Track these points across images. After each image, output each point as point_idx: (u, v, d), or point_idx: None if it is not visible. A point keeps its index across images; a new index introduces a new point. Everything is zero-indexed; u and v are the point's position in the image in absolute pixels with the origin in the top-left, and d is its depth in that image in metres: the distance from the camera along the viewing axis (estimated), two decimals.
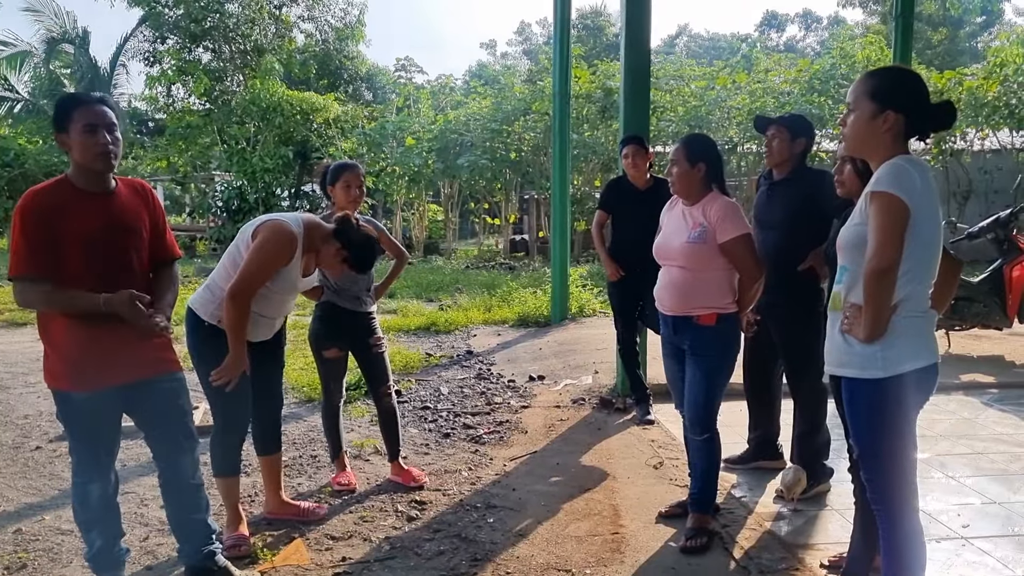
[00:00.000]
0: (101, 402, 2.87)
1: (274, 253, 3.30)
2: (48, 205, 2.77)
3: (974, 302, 7.42)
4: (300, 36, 27.34)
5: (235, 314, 3.26)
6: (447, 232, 22.58)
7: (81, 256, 2.79)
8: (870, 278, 2.35)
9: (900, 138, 2.48)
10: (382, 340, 4.37)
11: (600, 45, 38.12)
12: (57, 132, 2.86)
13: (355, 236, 3.50)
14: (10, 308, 10.56)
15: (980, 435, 5.22)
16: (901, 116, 2.45)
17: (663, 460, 4.75)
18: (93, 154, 2.80)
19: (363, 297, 4.24)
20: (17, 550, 3.58)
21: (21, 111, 23.17)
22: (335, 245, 3.48)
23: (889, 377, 2.43)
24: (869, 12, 39.19)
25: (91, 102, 2.86)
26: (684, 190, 3.63)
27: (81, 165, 2.83)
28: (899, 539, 2.53)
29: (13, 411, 5.87)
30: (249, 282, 3.27)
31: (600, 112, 18.85)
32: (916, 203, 2.34)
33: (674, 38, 66.70)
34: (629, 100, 6.11)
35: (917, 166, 2.42)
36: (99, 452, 2.96)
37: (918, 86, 2.51)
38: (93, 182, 2.87)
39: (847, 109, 2.58)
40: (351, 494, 4.25)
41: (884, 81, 2.52)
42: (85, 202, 2.83)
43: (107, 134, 2.82)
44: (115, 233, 2.88)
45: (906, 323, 2.42)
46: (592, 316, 9.94)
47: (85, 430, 2.91)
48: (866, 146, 2.54)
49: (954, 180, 16.90)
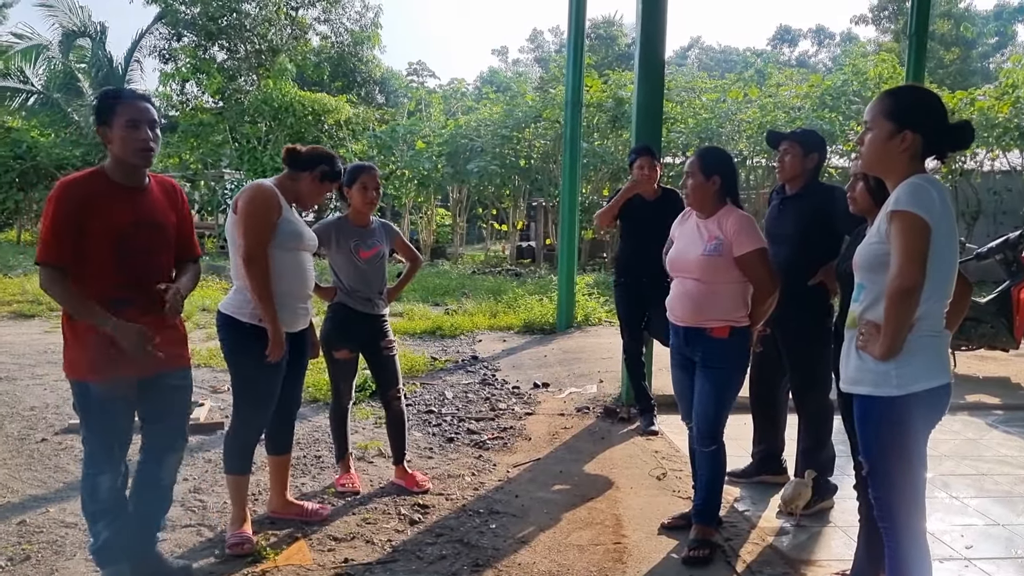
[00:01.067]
0: (118, 394, 2.90)
1: (262, 206, 3.42)
2: (81, 196, 2.82)
3: (981, 323, 7.41)
4: (315, 38, 27.45)
5: (258, 279, 3.35)
6: (454, 237, 22.60)
7: (111, 249, 2.83)
8: (893, 297, 2.35)
9: (917, 158, 2.48)
10: (394, 343, 4.39)
11: (612, 55, 38.21)
12: (99, 125, 2.91)
13: (311, 155, 3.62)
14: (18, 300, 10.61)
15: (984, 456, 5.21)
16: (919, 136, 2.45)
17: (666, 471, 4.75)
18: (133, 149, 2.85)
19: (375, 299, 4.26)
20: (21, 542, 3.59)
21: (35, 103, 23.25)
22: (304, 175, 3.60)
23: (903, 396, 2.43)
24: (882, 29, 39.25)
25: (134, 98, 2.93)
26: (698, 202, 3.64)
27: (120, 159, 2.88)
28: (905, 558, 2.53)
29: (19, 402, 5.89)
30: (255, 242, 3.37)
31: (611, 121, 18.86)
32: (936, 221, 2.35)
33: (686, 50, 66.77)
34: (642, 111, 6.12)
35: (935, 185, 2.42)
36: (112, 444, 2.98)
37: (936, 106, 2.51)
38: (129, 176, 2.92)
39: (864, 128, 2.59)
40: (354, 496, 4.26)
41: (902, 101, 2.52)
42: (119, 196, 2.88)
43: (148, 130, 2.88)
44: (146, 229, 2.93)
45: (921, 342, 2.42)
46: (598, 325, 9.94)
47: (101, 421, 2.94)
48: (883, 165, 2.54)
49: (963, 200, 16.85)
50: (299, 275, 3.60)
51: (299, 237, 3.56)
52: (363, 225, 4.26)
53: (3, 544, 3.56)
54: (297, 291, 3.59)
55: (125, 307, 2.87)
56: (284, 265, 3.50)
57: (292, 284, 3.55)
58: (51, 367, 6.91)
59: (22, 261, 15.44)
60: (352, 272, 4.18)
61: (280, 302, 3.46)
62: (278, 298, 3.45)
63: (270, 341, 3.39)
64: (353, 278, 4.17)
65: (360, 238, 4.20)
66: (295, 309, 3.59)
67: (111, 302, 2.85)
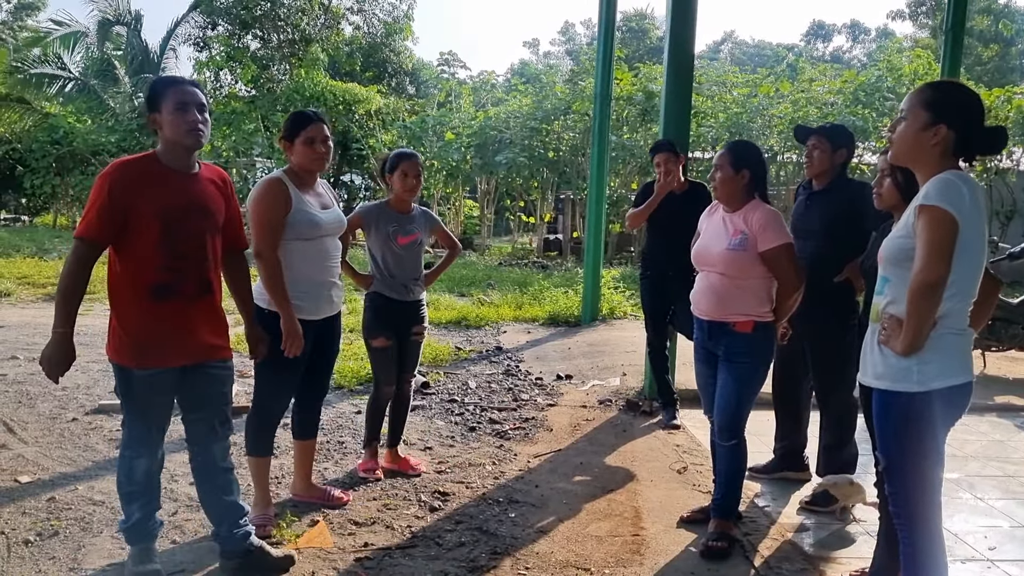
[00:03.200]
0: (158, 381, 2.93)
1: (270, 197, 3.47)
2: (132, 177, 2.84)
3: (1012, 324, 7.30)
4: (348, 28, 27.57)
5: (266, 274, 3.42)
6: (482, 228, 22.64)
7: (159, 232, 2.85)
8: (916, 292, 2.33)
9: (948, 154, 2.45)
10: (424, 330, 4.45)
11: (643, 48, 38.02)
12: (150, 112, 2.94)
13: (288, 124, 3.65)
14: (52, 282, 10.80)
15: (1012, 458, 5.14)
16: (952, 132, 2.43)
17: (687, 465, 4.74)
18: (184, 131, 2.88)
19: (411, 286, 4.29)
20: (50, 517, 3.67)
21: (72, 90, 23.57)
22: (294, 146, 3.59)
23: (923, 392, 2.42)
24: (919, 25, 38.66)
25: (182, 83, 2.96)
26: (726, 196, 3.63)
27: (172, 141, 2.91)
28: (919, 555, 2.51)
29: (51, 383, 5.99)
30: (264, 234, 3.42)
31: (640, 115, 18.77)
32: (965, 218, 2.33)
33: (719, 44, 66.28)
34: (671, 104, 6.09)
35: (967, 181, 2.40)
36: (151, 428, 3.01)
37: (976, 106, 2.49)
38: (180, 160, 2.95)
39: (899, 116, 2.56)
40: (376, 482, 4.30)
41: (941, 94, 2.50)
42: (170, 179, 2.91)
43: (197, 112, 2.91)
44: (194, 214, 2.95)
45: (944, 340, 2.41)
46: (623, 318, 9.93)
47: (140, 406, 2.97)
48: (912, 157, 2.52)
49: (998, 199, 16.60)
50: (321, 262, 3.62)
51: (316, 225, 3.57)
52: (404, 212, 4.29)
53: (33, 520, 3.64)
54: (320, 278, 3.62)
55: (171, 294, 2.89)
56: (304, 254, 3.53)
57: (314, 272, 3.58)
58: (83, 348, 6.97)
59: (57, 245, 15.71)
60: (388, 257, 4.22)
61: (303, 290, 3.51)
62: (300, 286, 3.49)
63: (284, 333, 3.43)
64: (389, 263, 4.21)
65: (399, 224, 4.23)
66: (319, 296, 3.62)
67: (157, 287, 2.87)
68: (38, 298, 10.02)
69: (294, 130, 3.60)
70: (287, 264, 3.47)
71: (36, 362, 6.49)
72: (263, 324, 3.45)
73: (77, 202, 21.43)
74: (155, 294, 2.87)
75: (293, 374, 3.61)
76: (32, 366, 6.47)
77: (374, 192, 24.15)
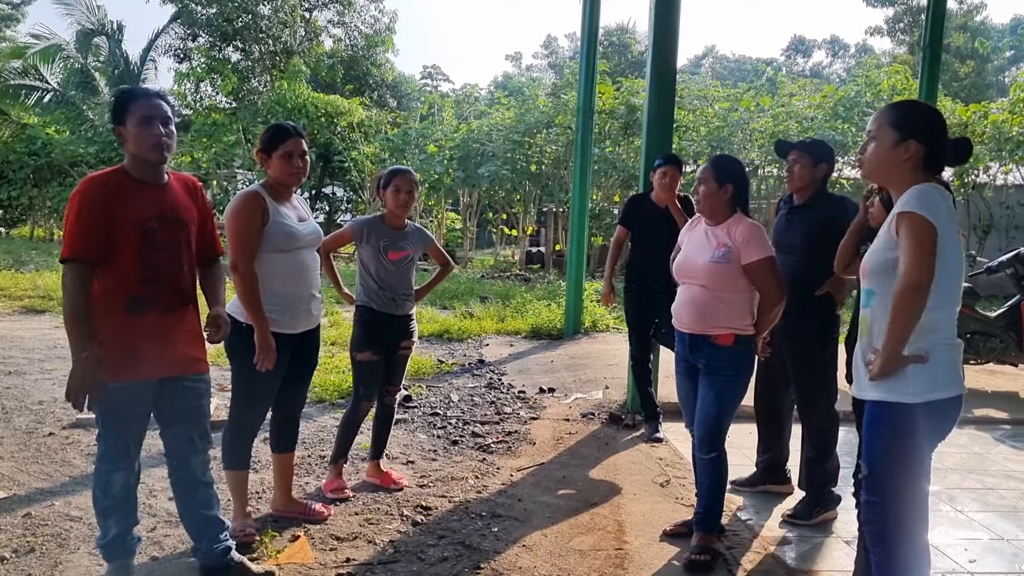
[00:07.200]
0: (134, 393, 2.91)
1: (245, 211, 3.46)
2: (105, 192, 2.83)
3: (990, 337, 7.39)
4: (328, 40, 27.57)
5: (244, 285, 3.40)
6: (464, 241, 22.62)
7: (137, 245, 2.85)
8: (902, 294, 2.37)
9: (919, 168, 2.53)
10: (411, 344, 4.47)
11: (625, 62, 38.24)
12: (115, 125, 2.94)
13: (264, 138, 3.61)
14: (29, 295, 10.69)
15: (991, 471, 5.18)
16: (922, 147, 2.50)
17: (670, 478, 4.74)
18: (148, 145, 2.87)
19: (400, 300, 4.28)
20: (26, 534, 3.61)
21: (51, 101, 23.38)
22: (271, 160, 3.58)
23: (916, 404, 2.44)
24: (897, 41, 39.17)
25: (147, 96, 2.95)
26: (710, 209, 3.65)
27: (136, 156, 2.91)
28: (901, 567, 2.52)
29: (28, 396, 5.94)
30: (240, 248, 3.41)
31: (623, 128, 18.86)
32: (942, 226, 2.39)
33: (700, 59, 66.82)
34: (653, 118, 6.12)
35: (940, 192, 2.47)
36: (128, 442, 2.99)
37: (938, 120, 2.58)
38: (148, 173, 2.94)
39: (867, 137, 2.62)
40: (356, 496, 4.26)
41: (907, 112, 2.58)
42: (140, 192, 2.90)
43: (161, 126, 2.90)
44: (168, 224, 2.95)
45: (938, 351, 2.44)
46: (605, 331, 9.94)
47: (116, 419, 2.94)
48: (885, 174, 2.59)
49: (975, 214, 16.77)
50: (298, 275, 3.60)
51: (293, 237, 3.56)
52: (397, 227, 4.28)
53: (8, 536, 3.58)
54: (297, 291, 3.60)
55: (148, 307, 2.89)
56: (281, 266, 3.52)
57: (290, 285, 3.56)
58: (60, 362, 6.95)
59: (34, 257, 15.53)
60: (378, 271, 4.21)
61: (279, 303, 3.50)
62: (277, 299, 3.48)
63: (256, 347, 3.41)
64: (378, 276, 4.21)
65: (391, 240, 4.23)
66: (296, 310, 3.60)
67: (134, 300, 2.86)
68: (14, 311, 9.90)
69: (272, 144, 3.59)
70: (265, 277, 3.46)
71: (11, 375, 6.45)
72: (240, 337, 3.42)
73: (55, 214, 21.27)
74: (130, 308, 2.86)
75: (269, 387, 3.59)
76: (8, 379, 6.39)
77: (356, 204, 24.09)
